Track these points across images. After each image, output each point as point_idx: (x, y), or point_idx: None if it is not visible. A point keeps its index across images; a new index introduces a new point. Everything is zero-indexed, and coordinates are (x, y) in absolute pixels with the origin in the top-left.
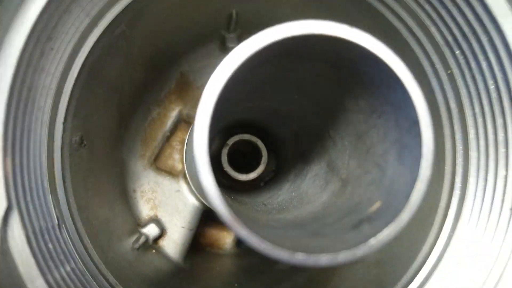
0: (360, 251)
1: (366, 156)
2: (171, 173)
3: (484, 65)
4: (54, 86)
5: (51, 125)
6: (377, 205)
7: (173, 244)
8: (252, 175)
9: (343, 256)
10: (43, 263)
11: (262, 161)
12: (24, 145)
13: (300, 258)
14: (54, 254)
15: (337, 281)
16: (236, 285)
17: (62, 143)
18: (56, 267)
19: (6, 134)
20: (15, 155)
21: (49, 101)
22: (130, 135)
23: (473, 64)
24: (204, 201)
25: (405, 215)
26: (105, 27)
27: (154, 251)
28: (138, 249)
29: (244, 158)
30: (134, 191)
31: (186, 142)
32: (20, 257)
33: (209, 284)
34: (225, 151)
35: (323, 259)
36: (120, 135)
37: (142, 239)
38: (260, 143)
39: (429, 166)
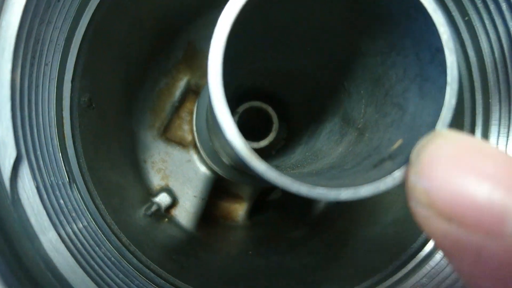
0: (384, 183)
1: (384, 100)
2: (181, 144)
3: (504, 6)
4: (61, 42)
5: (59, 82)
6: (398, 143)
7: (186, 213)
8: (263, 143)
9: (365, 190)
10: (55, 217)
11: (274, 128)
12: (32, 98)
13: (320, 191)
14: (65, 210)
15: (354, 244)
16: (250, 252)
17: (71, 102)
18: (68, 222)
19: (14, 84)
20: (23, 106)
21: (57, 57)
22: (138, 106)
23: (492, 7)
24: (215, 167)
25: None
26: None
27: (166, 220)
28: (150, 216)
29: (254, 128)
30: (145, 161)
31: (195, 110)
32: (32, 208)
33: (224, 251)
34: (235, 119)
35: (344, 193)
36: (128, 104)
37: (154, 207)
38: (270, 110)
39: (454, 93)
